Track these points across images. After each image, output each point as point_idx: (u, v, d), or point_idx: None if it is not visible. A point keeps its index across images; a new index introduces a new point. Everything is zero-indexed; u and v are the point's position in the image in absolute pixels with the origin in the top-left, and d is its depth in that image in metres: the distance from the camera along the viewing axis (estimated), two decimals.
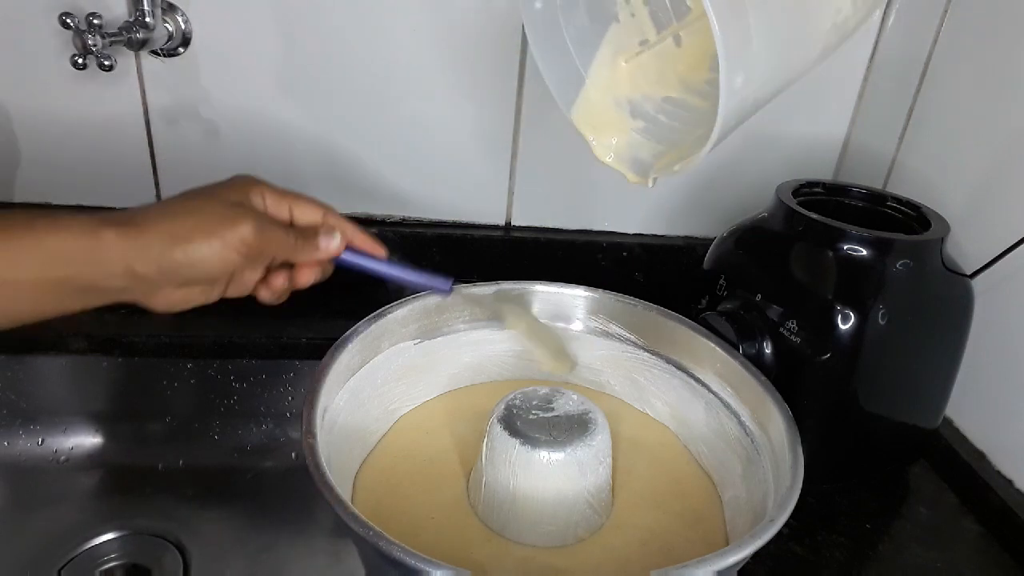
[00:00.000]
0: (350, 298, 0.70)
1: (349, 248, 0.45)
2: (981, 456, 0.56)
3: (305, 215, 0.44)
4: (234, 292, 0.43)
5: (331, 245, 0.43)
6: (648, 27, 0.48)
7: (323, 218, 0.44)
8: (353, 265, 0.45)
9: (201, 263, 0.38)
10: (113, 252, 0.36)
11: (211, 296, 0.42)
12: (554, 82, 0.49)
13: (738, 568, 0.36)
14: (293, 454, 0.62)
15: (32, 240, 0.35)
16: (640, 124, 0.48)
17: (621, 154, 0.47)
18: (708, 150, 0.37)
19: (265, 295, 0.44)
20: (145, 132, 0.66)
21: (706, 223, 0.76)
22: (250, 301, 0.62)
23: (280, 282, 0.43)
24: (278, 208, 0.43)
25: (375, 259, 0.46)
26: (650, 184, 0.45)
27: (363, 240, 0.46)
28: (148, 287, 0.38)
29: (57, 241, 0.36)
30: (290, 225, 0.43)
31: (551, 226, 0.75)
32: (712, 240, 0.60)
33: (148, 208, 0.39)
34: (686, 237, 0.76)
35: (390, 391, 0.52)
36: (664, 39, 0.47)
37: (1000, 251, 0.51)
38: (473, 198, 0.73)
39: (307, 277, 0.44)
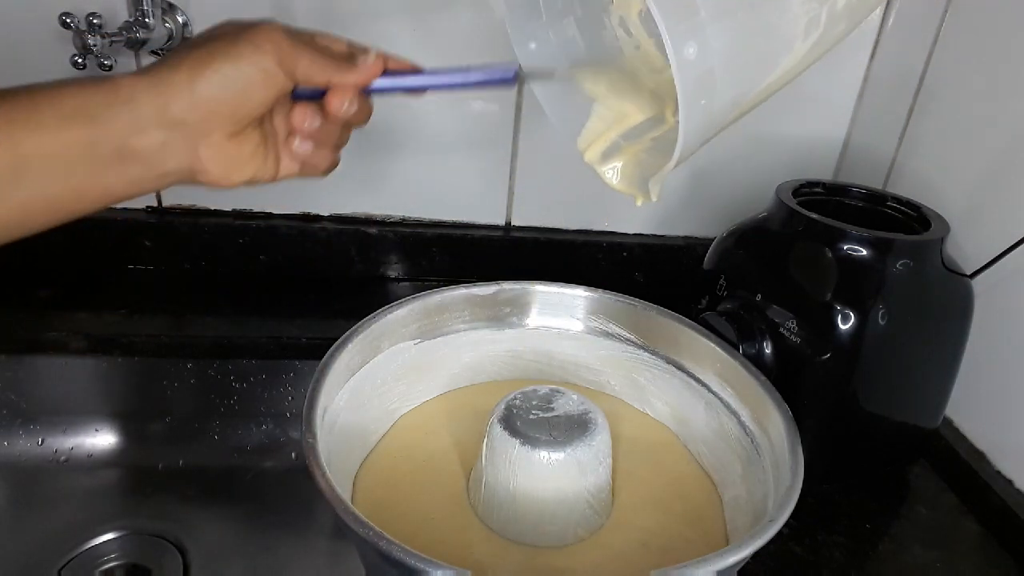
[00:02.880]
0: (350, 298, 0.70)
1: (386, 72, 0.40)
2: (981, 456, 0.56)
3: (332, 44, 0.40)
4: (287, 158, 0.40)
5: (368, 59, 0.39)
6: (655, 57, 0.47)
7: (350, 46, 0.41)
8: (395, 87, 0.40)
9: (239, 81, 0.35)
10: (137, 95, 0.34)
11: (268, 158, 0.39)
12: (557, 117, 0.48)
13: (738, 568, 0.36)
14: (293, 454, 0.62)
15: (47, 100, 0.33)
16: (647, 144, 0.47)
17: (629, 176, 0.46)
18: (681, 143, 0.36)
19: (298, 149, 0.40)
20: None
21: (706, 223, 0.76)
22: (250, 300, 0.63)
23: (310, 119, 0.39)
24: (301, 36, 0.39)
25: (417, 75, 0.41)
26: (654, 198, 0.44)
27: (396, 60, 0.41)
28: (190, 136, 0.35)
29: (74, 96, 0.33)
30: None
31: (551, 226, 0.75)
32: (712, 240, 0.60)
33: (164, 56, 0.36)
34: (686, 237, 0.76)
35: (390, 391, 0.52)
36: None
37: (1000, 251, 0.51)
38: (473, 198, 0.73)
39: (342, 104, 0.38)
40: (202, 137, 0.35)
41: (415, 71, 0.41)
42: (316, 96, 0.39)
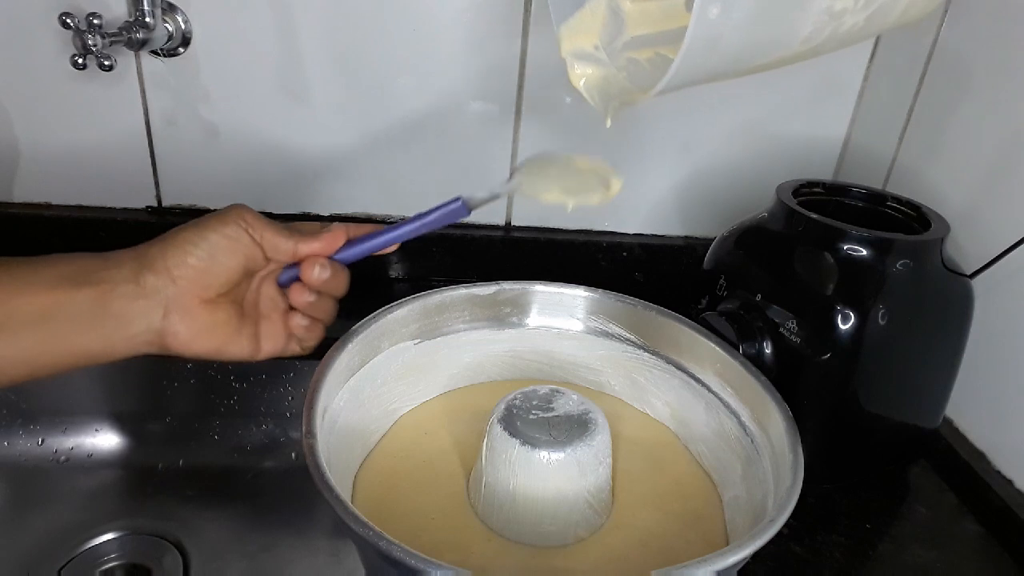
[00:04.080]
0: (350, 298, 0.70)
1: (349, 242, 0.44)
2: (981, 456, 0.56)
3: (302, 226, 0.44)
4: (267, 334, 0.42)
5: (331, 228, 0.43)
6: None
7: (321, 225, 0.45)
8: (364, 251, 0.44)
9: (204, 247, 0.39)
10: (123, 261, 0.38)
11: (243, 334, 0.41)
12: (559, 15, 0.47)
13: (738, 568, 0.36)
14: (293, 454, 0.62)
15: (46, 263, 0.37)
16: (622, 63, 0.47)
17: (592, 84, 0.47)
18: (666, 80, 0.37)
19: (297, 324, 0.43)
20: (145, 132, 0.66)
21: (706, 223, 0.76)
22: None
23: (306, 294, 0.42)
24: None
25: (380, 234, 0.44)
26: (607, 123, 0.45)
27: (358, 227, 0.45)
28: (162, 300, 0.38)
29: (70, 263, 0.37)
30: None
31: (551, 226, 0.75)
32: (712, 240, 0.60)
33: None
34: (686, 237, 0.76)
35: (390, 391, 0.52)
36: None
37: (1000, 251, 0.51)
38: None
39: (313, 270, 0.42)
40: (173, 300, 0.38)
41: (377, 232, 0.44)
42: (298, 278, 0.42)
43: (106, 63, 0.56)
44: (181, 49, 0.62)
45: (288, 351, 0.44)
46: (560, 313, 0.56)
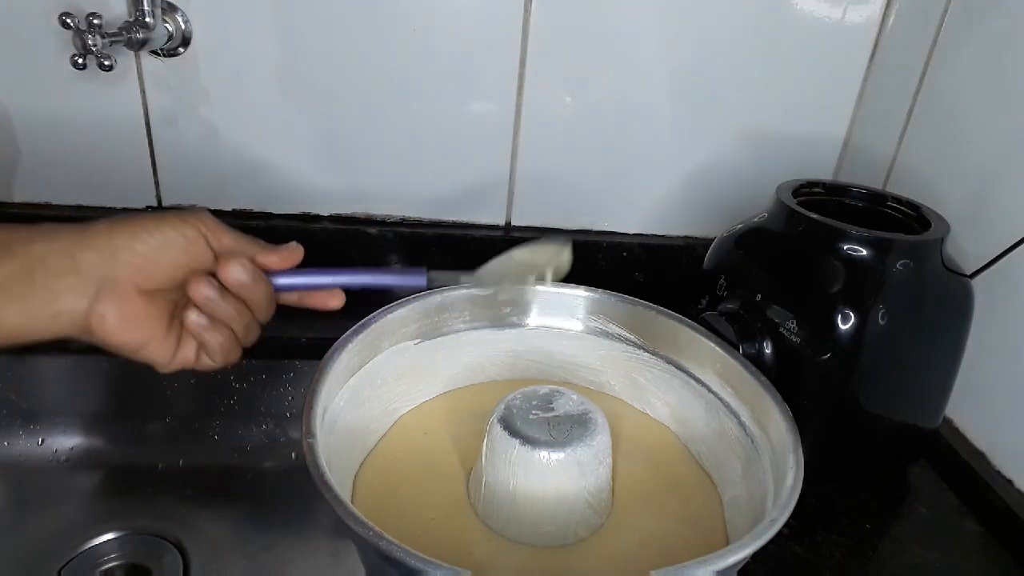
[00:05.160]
0: (350, 298, 0.70)
1: (302, 268, 0.42)
2: (981, 456, 0.56)
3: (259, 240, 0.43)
4: (185, 343, 0.40)
5: (289, 245, 0.41)
6: None
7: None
8: (311, 283, 0.42)
9: (156, 238, 0.37)
10: (59, 233, 0.35)
11: (169, 335, 0.39)
12: None
13: (738, 568, 0.36)
14: (293, 454, 0.62)
15: None
16: None
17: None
18: None
19: (193, 321, 0.39)
20: (145, 132, 0.66)
21: (706, 223, 0.76)
22: None
23: (205, 287, 0.38)
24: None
25: (333, 271, 0.43)
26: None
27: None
28: (95, 280, 0.36)
29: (2, 231, 0.35)
30: None
31: (551, 226, 0.75)
32: (712, 240, 0.60)
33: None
34: (686, 237, 0.76)
35: (390, 391, 0.52)
36: None
37: (1000, 251, 0.51)
38: (473, 198, 0.73)
39: (233, 273, 0.39)
40: (110, 283, 0.36)
41: (332, 269, 0.43)
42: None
43: (106, 63, 0.55)
44: (181, 49, 0.62)
45: (201, 365, 0.41)
46: (560, 313, 0.56)
